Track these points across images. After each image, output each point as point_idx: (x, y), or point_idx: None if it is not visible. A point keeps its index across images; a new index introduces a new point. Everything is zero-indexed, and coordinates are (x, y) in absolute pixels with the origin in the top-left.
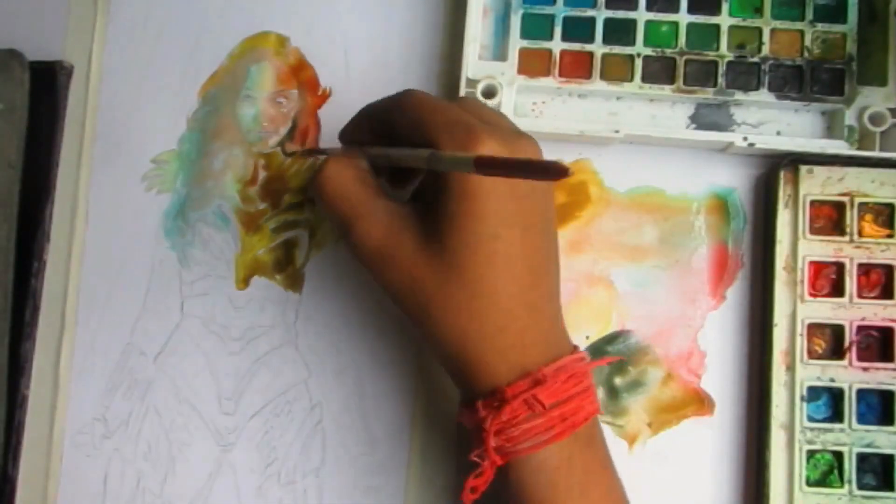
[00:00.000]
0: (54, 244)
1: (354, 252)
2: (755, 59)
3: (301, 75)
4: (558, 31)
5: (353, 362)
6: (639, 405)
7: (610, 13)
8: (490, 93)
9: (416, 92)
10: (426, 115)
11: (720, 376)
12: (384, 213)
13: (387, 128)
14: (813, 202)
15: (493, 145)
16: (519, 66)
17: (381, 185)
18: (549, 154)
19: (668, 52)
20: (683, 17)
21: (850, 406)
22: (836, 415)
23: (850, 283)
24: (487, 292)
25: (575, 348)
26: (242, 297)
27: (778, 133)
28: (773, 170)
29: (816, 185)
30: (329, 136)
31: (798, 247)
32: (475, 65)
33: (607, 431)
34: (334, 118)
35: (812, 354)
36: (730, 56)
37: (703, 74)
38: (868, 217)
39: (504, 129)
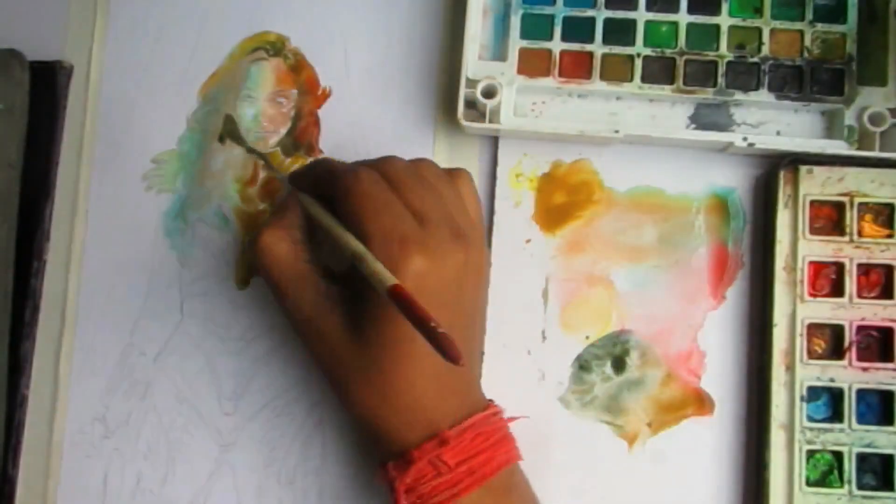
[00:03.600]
0: (54, 244)
1: (286, 317)
2: (755, 60)
3: (301, 75)
4: (558, 31)
5: None
6: (638, 405)
7: (610, 13)
8: (490, 93)
9: (363, 179)
10: (366, 217)
11: (720, 376)
12: (314, 292)
13: (329, 197)
14: (813, 202)
15: (421, 262)
16: (519, 66)
17: (313, 259)
18: (548, 154)
19: (668, 52)
20: (683, 17)
21: (849, 406)
22: (836, 415)
23: (850, 283)
24: (401, 381)
25: (489, 404)
26: (242, 297)
27: (778, 133)
28: (773, 170)
29: (816, 185)
30: (329, 136)
31: (798, 247)
32: (475, 65)
33: (607, 431)
34: (334, 118)
35: (812, 354)
36: (730, 56)
37: (702, 74)
38: (868, 217)
39: (441, 234)
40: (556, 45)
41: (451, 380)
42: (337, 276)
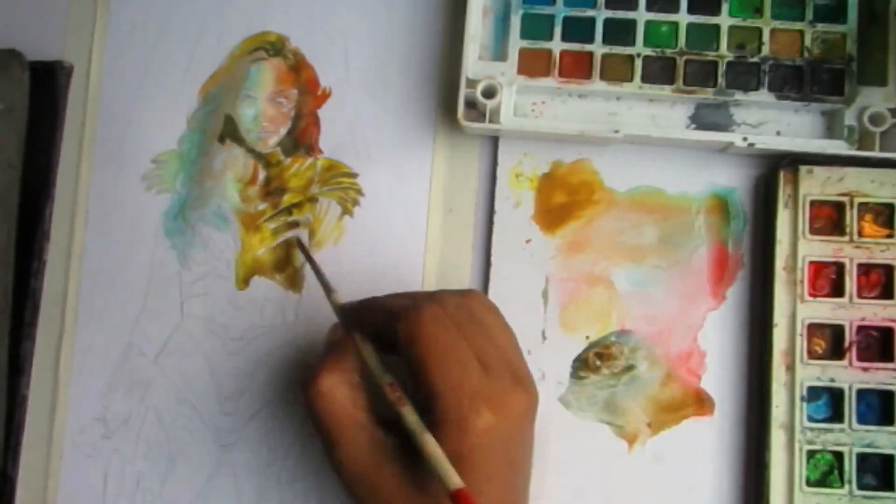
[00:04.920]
0: (54, 244)
1: (335, 468)
2: (755, 59)
3: (301, 75)
4: (558, 31)
5: None
6: (638, 405)
7: (610, 13)
8: (490, 93)
9: (427, 320)
10: (433, 368)
11: (720, 376)
12: (370, 443)
13: (389, 341)
14: (813, 202)
15: (489, 417)
16: (519, 66)
17: (369, 407)
18: (548, 154)
19: (668, 52)
20: (683, 17)
21: (850, 406)
22: (836, 415)
23: (850, 283)
24: None
25: None
26: (242, 297)
27: (778, 133)
28: (773, 170)
29: (816, 185)
30: (329, 136)
31: (798, 247)
32: (475, 65)
33: (607, 431)
34: (334, 118)
35: (812, 354)
36: (730, 56)
37: (703, 74)
38: (868, 217)
39: (504, 382)
40: (556, 45)
41: None
42: (391, 423)
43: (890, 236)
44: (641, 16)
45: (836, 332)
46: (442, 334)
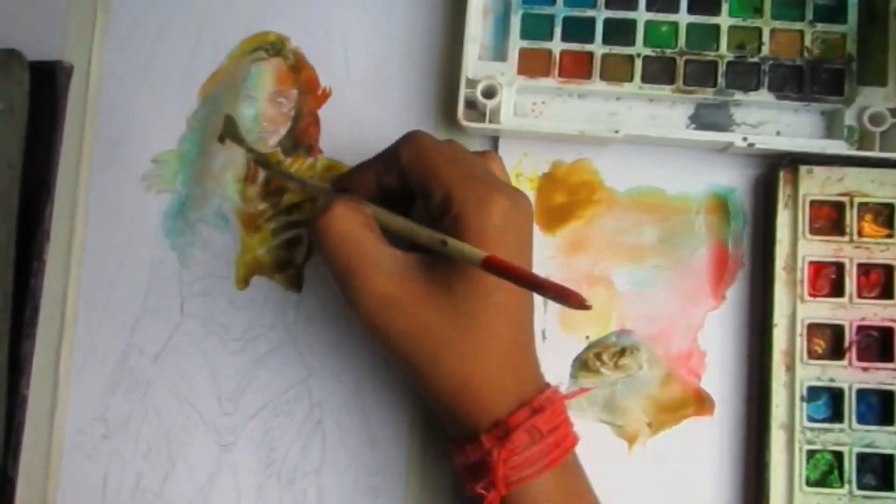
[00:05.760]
0: (54, 244)
1: (357, 298)
2: (755, 60)
3: (301, 75)
4: (558, 31)
5: (353, 362)
6: (639, 405)
7: (610, 13)
8: (490, 93)
9: (423, 137)
10: (443, 166)
11: (720, 376)
12: (391, 261)
13: (391, 176)
14: (813, 202)
15: (505, 201)
16: (519, 66)
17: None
18: (548, 154)
19: (668, 52)
20: (683, 18)
21: (850, 406)
22: (836, 415)
23: (850, 283)
24: (493, 337)
25: (547, 383)
26: (242, 297)
27: (778, 133)
28: (773, 170)
29: (816, 185)
30: (329, 136)
31: (798, 247)
32: (475, 65)
33: (607, 431)
34: (334, 118)
35: (812, 354)
36: (730, 56)
37: (702, 74)
38: (868, 217)
39: (503, 183)
40: (556, 45)
41: (527, 338)
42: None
43: (890, 236)
44: (641, 16)
45: (836, 332)
46: (442, 145)
